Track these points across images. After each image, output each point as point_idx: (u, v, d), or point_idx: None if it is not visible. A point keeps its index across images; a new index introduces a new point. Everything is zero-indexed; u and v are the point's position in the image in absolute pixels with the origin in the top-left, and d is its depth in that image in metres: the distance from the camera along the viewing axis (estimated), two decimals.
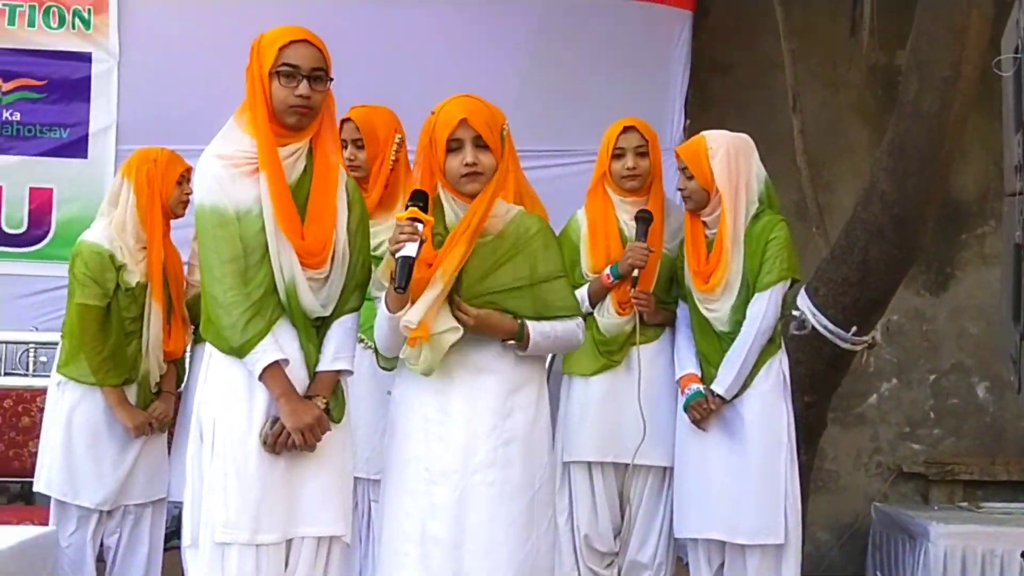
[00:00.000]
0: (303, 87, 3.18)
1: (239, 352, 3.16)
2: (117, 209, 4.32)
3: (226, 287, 3.15)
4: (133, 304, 4.27)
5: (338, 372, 3.28)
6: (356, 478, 4.09)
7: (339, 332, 3.28)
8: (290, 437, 3.15)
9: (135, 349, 4.29)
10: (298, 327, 3.22)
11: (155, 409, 4.35)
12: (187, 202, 4.33)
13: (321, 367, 3.25)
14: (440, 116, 3.30)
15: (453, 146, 3.27)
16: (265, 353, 3.15)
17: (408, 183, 4.11)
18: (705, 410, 4.09)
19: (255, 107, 3.20)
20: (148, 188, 4.31)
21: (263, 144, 3.18)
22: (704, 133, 4.19)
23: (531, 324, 3.28)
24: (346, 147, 4.18)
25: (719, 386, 4.08)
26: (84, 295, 4.23)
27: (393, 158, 4.17)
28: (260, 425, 3.18)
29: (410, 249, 3.11)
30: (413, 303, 3.19)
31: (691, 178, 4.13)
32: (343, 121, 4.22)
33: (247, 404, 3.19)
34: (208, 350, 3.27)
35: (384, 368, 3.49)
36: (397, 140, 4.17)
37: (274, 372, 3.16)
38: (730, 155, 4.10)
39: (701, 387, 4.13)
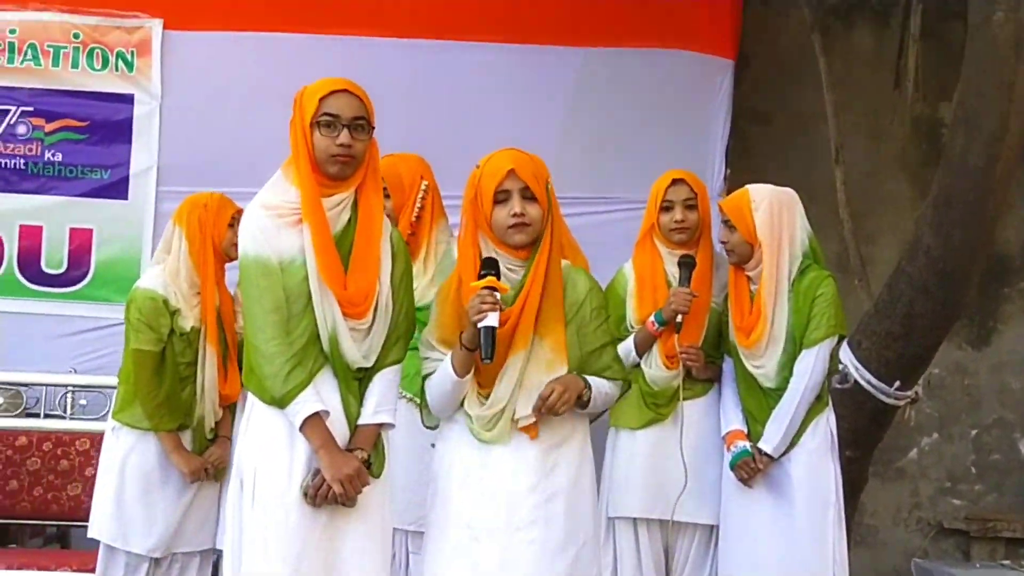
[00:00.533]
0: (344, 136, 3.18)
1: (280, 402, 3.15)
2: (170, 255, 4.35)
3: (268, 336, 3.15)
4: (188, 349, 4.28)
5: (379, 425, 3.26)
6: (394, 529, 4.08)
7: (381, 384, 3.27)
8: (331, 490, 3.12)
9: (190, 394, 4.30)
10: (339, 378, 3.21)
11: (211, 455, 4.35)
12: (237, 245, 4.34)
13: (362, 420, 3.24)
14: (486, 168, 3.31)
15: (500, 197, 3.27)
16: (306, 404, 3.14)
17: (436, 229, 4.13)
18: (752, 469, 4.04)
19: (298, 158, 3.21)
20: (200, 233, 4.34)
21: (306, 194, 3.18)
22: (748, 186, 4.17)
23: (592, 381, 3.30)
24: (385, 193, 4.17)
25: (767, 444, 4.03)
26: (139, 341, 4.25)
27: (419, 205, 4.16)
28: (301, 476, 3.16)
29: (493, 319, 3.14)
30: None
31: (733, 230, 4.10)
32: None
33: (288, 455, 3.17)
34: (250, 399, 3.26)
35: (428, 427, 3.48)
36: (424, 187, 4.17)
37: (315, 423, 3.14)
38: (773, 208, 4.07)
39: (748, 445, 4.08)
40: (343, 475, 3.12)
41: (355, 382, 3.24)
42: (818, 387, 4.05)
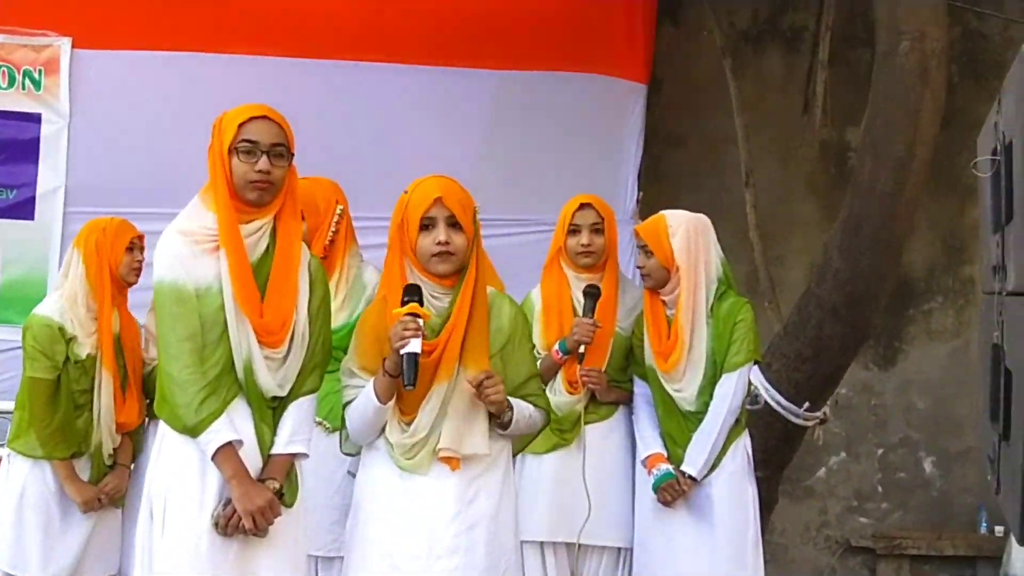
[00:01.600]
0: (263, 162, 3.16)
1: (193, 431, 3.10)
2: (68, 280, 4.28)
3: (182, 365, 3.10)
4: (83, 376, 4.21)
5: (292, 455, 3.23)
6: (308, 555, 4.05)
7: (295, 414, 3.23)
8: (241, 520, 3.09)
9: (86, 421, 4.22)
10: (253, 407, 3.17)
11: (106, 484, 4.27)
12: (138, 269, 4.29)
13: (275, 450, 3.20)
14: (414, 195, 3.28)
15: (426, 223, 3.25)
16: (219, 433, 3.10)
17: (348, 254, 4.12)
18: (676, 491, 4.06)
19: (216, 184, 3.18)
20: (97, 256, 4.26)
21: (224, 221, 3.15)
22: (664, 212, 4.20)
23: (515, 403, 3.30)
24: (302, 218, 4.14)
25: (691, 467, 4.06)
26: (34, 369, 4.19)
27: (333, 229, 4.14)
28: (212, 506, 3.12)
29: (415, 345, 3.12)
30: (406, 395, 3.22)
31: (650, 256, 4.13)
32: None
33: (199, 484, 3.13)
34: (161, 428, 3.21)
35: (348, 454, 3.45)
36: (338, 211, 4.15)
37: (227, 453, 3.10)
38: (690, 234, 4.12)
39: (670, 468, 4.10)
40: (255, 507, 3.09)
41: (269, 411, 3.20)
42: (738, 410, 4.10)
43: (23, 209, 5.64)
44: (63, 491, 4.23)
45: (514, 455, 3.46)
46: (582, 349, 4.17)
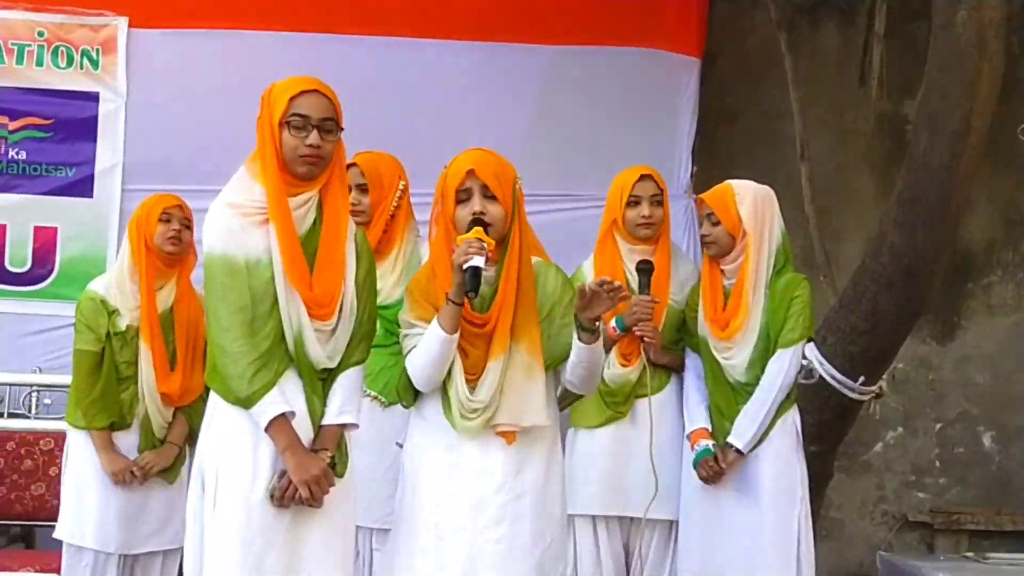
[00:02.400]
0: (313, 137, 3.18)
1: (245, 403, 3.13)
2: (119, 256, 4.38)
3: (234, 337, 3.12)
4: (125, 348, 4.25)
5: (343, 426, 3.25)
6: (358, 527, 4.09)
7: (345, 385, 3.25)
8: (297, 491, 3.12)
9: (132, 393, 4.27)
10: (304, 379, 3.20)
11: (143, 458, 4.28)
12: (174, 238, 4.27)
13: (326, 420, 3.22)
14: (450, 169, 3.34)
15: (462, 197, 3.30)
16: (272, 405, 3.12)
17: (408, 229, 4.15)
18: (712, 468, 4.06)
19: (265, 157, 3.19)
20: (136, 231, 4.30)
21: (273, 194, 3.17)
22: (729, 181, 4.19)
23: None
24: (350, 191, 4.17)
25: (738, 439, 4.05)
26: (79, 341, 4.26)
27: (395, 205, 4.17)
28: (264, 477, 3.14)
29: (478, 260, 3.16)
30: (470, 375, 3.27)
31: (717, 224, 4.12)
32: (348, 166, 4.22)
33: (251, 456, 3.15)
34: (213, 399, 3.24)
35: (406, 406, 3.47)
36: (400, 187, 4.18)
37: (281, 424, 3.13)
38: (757, 202, 4.11)
39: (711, 444, 4.10)
40: (310, 477, 3.11)
41: (319, 383, 3.23)
42: (790, 387, 4.09)
43: (82, 187, 5.73)
44: None
45: (561, 408, 3.47)
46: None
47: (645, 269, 4.20)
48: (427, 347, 3.27)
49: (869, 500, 6.60)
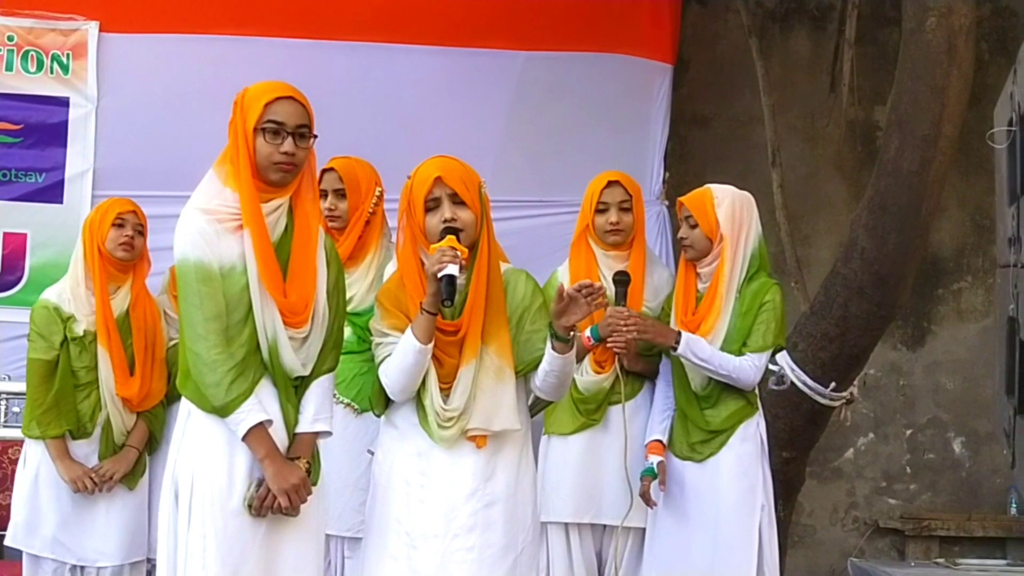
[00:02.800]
0: (288, 144, 3.15)
1: (222, 412, 3.09)
2: (73, 262, 4.31)
3: (211, 345, 3.08)
4: (83, 353, 4.21)
5: (317, 434, 3.23)
6: (329, 535, 4.07)
7: (318, 392, 3.23)
8: (276, 500, 3.09)
9: (93, 401, 4.23)
10: (279, 387, 3.17)
11: (100, 466, 4.24)
12: (126, 245, 4.24)
13: (301, 428, 3.20)
14: (416, 178, 3.33)
15: (431, 205, 3.29)
16: (250, 413, 3.09)
17: (382, 235, 4.14)
18: (644, 489, 4.06)
19: (238, 162, 3.16)
20: (89, 235, 4.26)
21: (247, 200, 3.14)
22: (709, 185, 4.21)
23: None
24: (326, 197, 4.17)
25: (684, 342, 4.01)
26: (33, 350, 4.23)
27: (371, 211, 4.18)
28: (240, 486, 3.11)
29: (453, 269, 3.15)
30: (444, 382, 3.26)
31: (695, 227, 4.12)
32: (324, 171, 4.22)
33: (227, 465, 3.12)
34: (186, 408, 3.20)
35: (378, 415, 3.46)
36: (377, 193, 4.20)
37: (259, 433, 3.10)
38: (735, 206, 4.12)
39: (656, 463, 4.10)
40: (289, 486, 3.09)
41: (293, 390, 3.20)
42: (745, 385, 4.07)
43: (52, 193, 5.68)
44: None
45: (533, 414, 3.47)
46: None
47: (622, 280, 4.18)
48: (401, 358, 3.26)
49: (840, 506, 6.62)
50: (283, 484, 3.09)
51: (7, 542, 4.30)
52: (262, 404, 3.12)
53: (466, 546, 3.22)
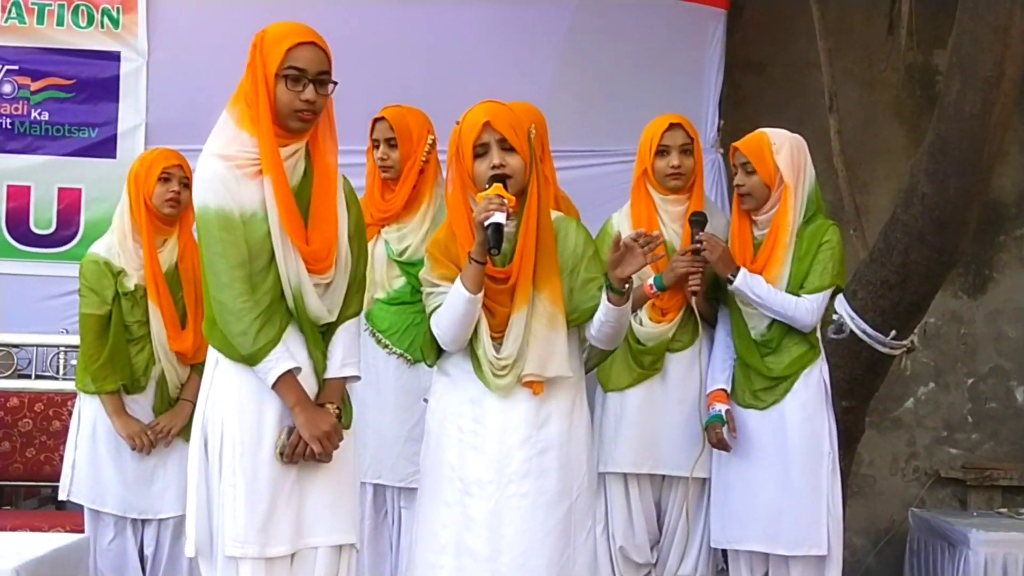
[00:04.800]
0: (309, 91, 3.09)
1: (251, 360, 3.07)
2: (118, 215, 4.27)
3: (236, 293, 3.04)
4: (135, 307, 4.19)
5: (346, 378, 3.21)
6: (384, 486, 4.10)
7: (344, 338, 3.20)
8: (308, 447, 3.07)
9: (147, 355, 4.21)
10: (306, 334, 3.14)
11: (157, 422, 4.23)
12: (172, 200, 4.19)
13: (329, 374, 3.18)
14: (464, 123, 3.29)
15: (479, 151, 3.25)
16: (279, 361, 3.07)
17: (436, 184, 4.11)
18: (718, 435, 4.01)
19: (257, 107, 3.10)
20: (135, 189, 4.22)
21: (266, 146, 3.08)
22: (763, 130, 4.11)
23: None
24: (378, 146, 4.17)
25: (741, 278, 3.97)
26: (84, 305, 4.20)
27: (424, 159, 4.15)
28: (271, 434, 3.09)
29: (500, 217, 3.11)
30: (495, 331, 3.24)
31: (752, 173, 4.04)
32: (376, 120, 4.20)
33: (256, 413, 3.09)
34: (213, 357, 3.17)
35: (429, 365, 3.44)
36: (430, 141, 4.17)
37: (288, 381, 3.08)
38: (793, 151, 4.04)
39: (723, 410, 4.04)
40: (321, 432, 3.07)
41: (319, 336, 3.17)
42: (806, 328, 4.01)
43: (105, 147, 5.70)
44: None
45: (588, 369, 3.44)
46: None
47: (698, 220, 4.09)
48: (452, 308, 3.24)
49: (901, 456, 6.55)
50: (315, 431, 3.07)
51: (69, 496, 4.31)
52: (290, 351, 3.09)
53: (520, 492, 3.21)
